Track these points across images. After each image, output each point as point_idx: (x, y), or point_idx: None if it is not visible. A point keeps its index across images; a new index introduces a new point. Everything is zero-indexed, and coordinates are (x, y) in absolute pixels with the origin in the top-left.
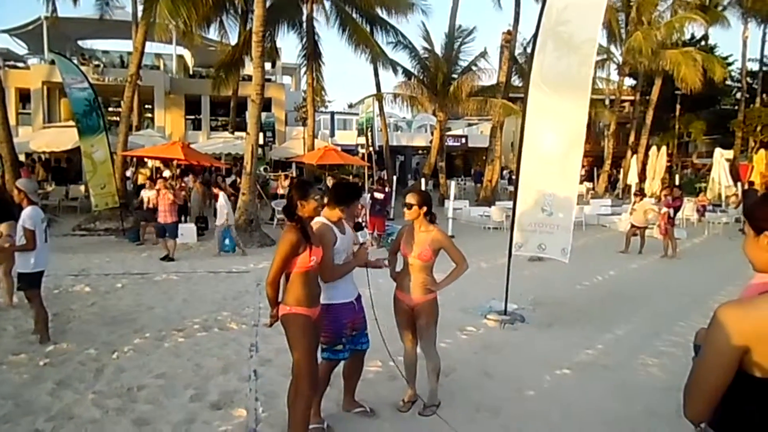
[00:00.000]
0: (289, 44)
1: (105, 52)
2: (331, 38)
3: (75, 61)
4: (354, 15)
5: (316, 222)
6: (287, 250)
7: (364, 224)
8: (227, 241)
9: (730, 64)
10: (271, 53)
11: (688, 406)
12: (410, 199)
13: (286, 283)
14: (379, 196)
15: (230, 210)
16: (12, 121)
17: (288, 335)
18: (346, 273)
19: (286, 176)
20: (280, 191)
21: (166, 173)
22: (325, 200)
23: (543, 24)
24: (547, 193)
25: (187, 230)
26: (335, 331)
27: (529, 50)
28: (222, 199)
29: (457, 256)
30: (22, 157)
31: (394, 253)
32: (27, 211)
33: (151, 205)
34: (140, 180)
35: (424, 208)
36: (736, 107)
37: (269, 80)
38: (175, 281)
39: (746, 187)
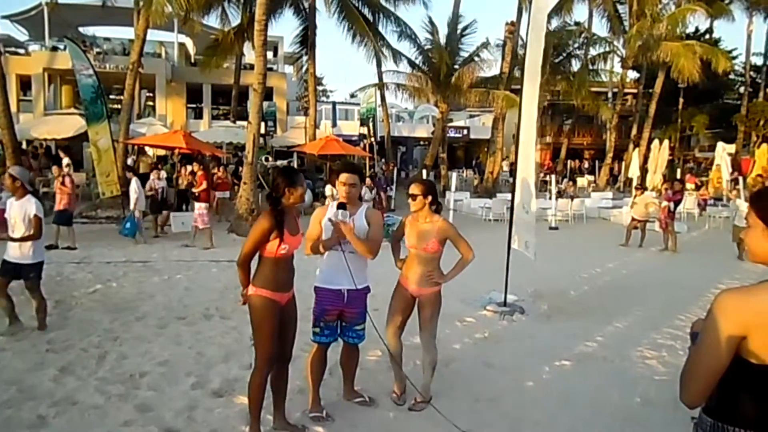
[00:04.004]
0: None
1: (106, 39)
2: (332, 27)
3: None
4: (356, 3)
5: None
6: (257, 237)
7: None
8: (128, 225)
9: (734, 58)
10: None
11: (684, 391)
12: (414, 189)
13: (258, 265)
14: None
15: (142, 197)
16: (13, 108)
17: (250, 315)
18: (317, 248)
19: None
20: None
21: (65, 161)
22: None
23: (533, 14)
24: (525, 185)
25: (189, 219)
26: (315, 313)
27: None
28: (134, 184)
29: (464, 246)
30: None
31: (398, 241)
32: (34, 201)
33: (156, 194)
34: (142, 169)
35: (429, 198)
36: (739, 101)
37: (271, 69)
38: (177, 269)
39: (749, 180)
